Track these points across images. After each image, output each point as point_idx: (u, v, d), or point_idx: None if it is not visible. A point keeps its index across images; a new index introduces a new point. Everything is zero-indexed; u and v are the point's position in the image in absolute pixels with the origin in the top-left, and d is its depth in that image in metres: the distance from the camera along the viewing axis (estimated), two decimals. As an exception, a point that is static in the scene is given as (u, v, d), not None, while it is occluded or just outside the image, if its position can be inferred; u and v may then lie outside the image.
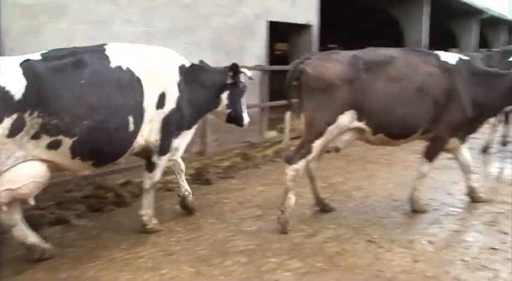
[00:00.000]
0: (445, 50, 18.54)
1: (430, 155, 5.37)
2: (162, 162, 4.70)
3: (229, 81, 5.11)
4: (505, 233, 4.84)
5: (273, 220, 5.08)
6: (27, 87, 3.58)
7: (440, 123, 5.14)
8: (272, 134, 8.39)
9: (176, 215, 5.29)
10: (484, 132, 9.68)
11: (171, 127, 4.59)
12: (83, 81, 3.90)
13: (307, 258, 4.24)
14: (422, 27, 14.14)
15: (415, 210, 5.41)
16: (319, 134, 4.75)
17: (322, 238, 4.68)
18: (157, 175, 4.72)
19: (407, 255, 4.33)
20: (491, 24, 21.36)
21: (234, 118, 5.36)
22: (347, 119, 4.79)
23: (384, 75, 4.87)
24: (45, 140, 3.74)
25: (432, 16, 14.67)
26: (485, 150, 8.54)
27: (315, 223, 5.08)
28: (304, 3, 9.22)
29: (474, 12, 18.30)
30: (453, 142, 5.34)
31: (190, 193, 5.33)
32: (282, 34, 10.45)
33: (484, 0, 18.74)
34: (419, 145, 8.56)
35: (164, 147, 4.61)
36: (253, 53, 6.64)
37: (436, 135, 5.23)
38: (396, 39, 14.38)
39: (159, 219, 4.91)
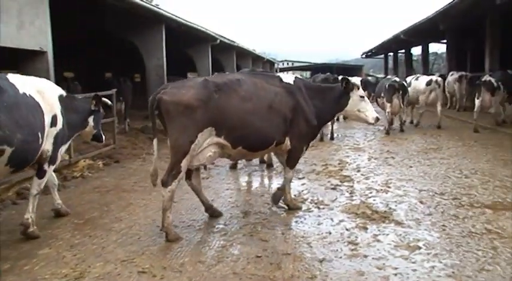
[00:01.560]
0: (185, 74, 19.40)
1: (291, 164, 6.16)
2: (50, 170, 5.65)
3: (93, 107, 6.36)
4: (266, 241, 5.16)
5: (25, 270, 4.43)
6: None
7: (292, 136, 5.90)
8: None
9: None
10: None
11: (59, 142, 5.58)
12: (5, 104, 4.70)
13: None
14: (161, 53, 14.49)
15: (292, 208, 6.19)
16: (185, 154, 5.16)
17: (90, 279, 4.24)
18: (44, 181, 5.55)
19: (182, 278, 4.25)
20: (222, 49, 23.31)
21: (97, 137, 6.69)
22: (206, 135, 5.26)
23: (235, 95, 5.41)
24: None
25: (172, 42, 15.19)
26: (233, 166, 9.06)
27: (79, 264, 4.57)
28: (33, 28, 8.34)
29: (207, 38, 19.67)
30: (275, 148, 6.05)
31: (61, 203, 6.18)
32: (4, 61, 9.37)
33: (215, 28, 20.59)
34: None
35: (54, 157, 5.56)
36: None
37: (293, 147, 5.96)
38: (138, 65, 14.49)
39: None
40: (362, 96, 6.34)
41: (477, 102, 13.72)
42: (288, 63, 74.06)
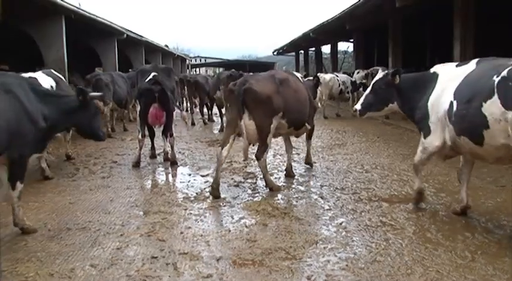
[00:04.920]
0: (93, 68, 18.60)
1: (311, 137, 8.47)
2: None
3: None
4: (163, 241, 5.00)
5: None
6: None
7: (309, 118, 7.61)
8: None
9: None
10: (135, 148, 10.06)
11: None
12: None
13: None
14: (61, 46, 13.66)
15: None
16: (268, 132, 6.61)
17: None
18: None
19: (69, 285, 3.97)
20: (130, 44, 22.51)
21: None
22: (279, 118, 6.72)
23: (289, 88, 6.92)
24: None
25: (76, 36, 14.39)
26: (136, 165, 8.77)
27: None
28: None
29: (112, 32, 18.86)
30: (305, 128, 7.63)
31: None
32: None
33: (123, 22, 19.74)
34: (65, 166, 8.25)
35: None
36: None
37: (312, 127, 8.00)
38: (38, 58, 13.74)
39: None
40: None
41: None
42: (200, 60, 73.65)
